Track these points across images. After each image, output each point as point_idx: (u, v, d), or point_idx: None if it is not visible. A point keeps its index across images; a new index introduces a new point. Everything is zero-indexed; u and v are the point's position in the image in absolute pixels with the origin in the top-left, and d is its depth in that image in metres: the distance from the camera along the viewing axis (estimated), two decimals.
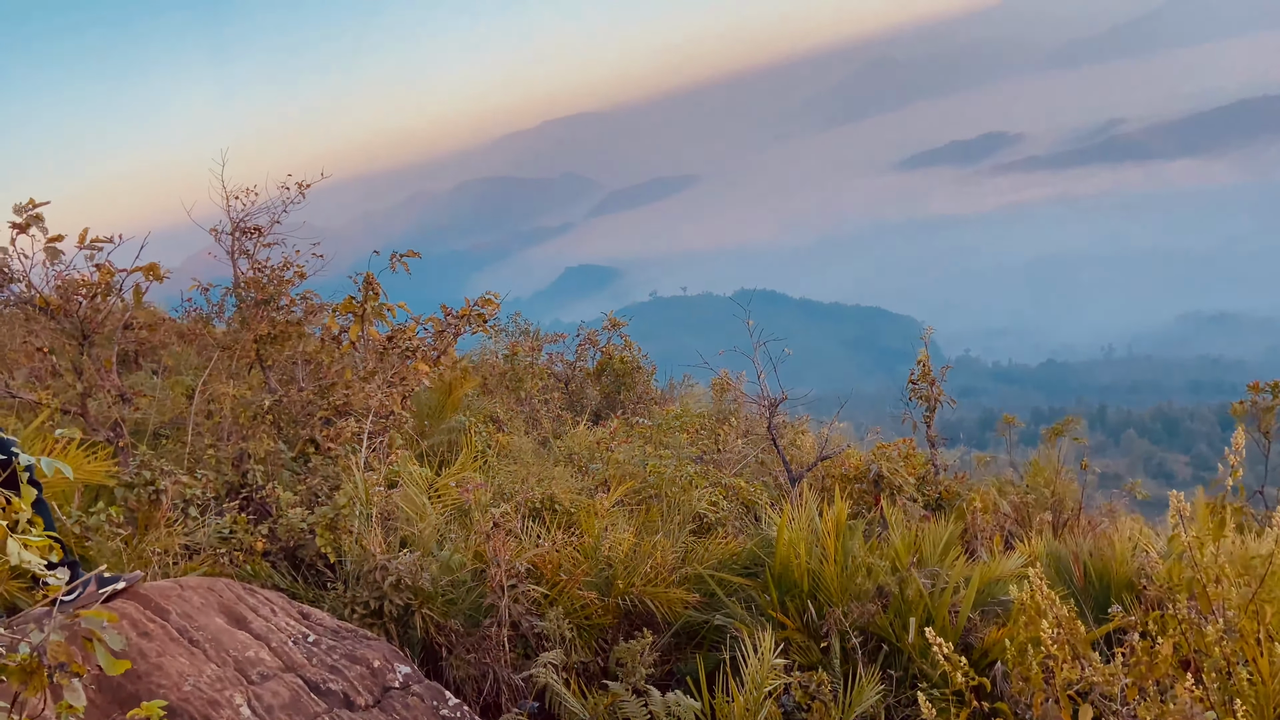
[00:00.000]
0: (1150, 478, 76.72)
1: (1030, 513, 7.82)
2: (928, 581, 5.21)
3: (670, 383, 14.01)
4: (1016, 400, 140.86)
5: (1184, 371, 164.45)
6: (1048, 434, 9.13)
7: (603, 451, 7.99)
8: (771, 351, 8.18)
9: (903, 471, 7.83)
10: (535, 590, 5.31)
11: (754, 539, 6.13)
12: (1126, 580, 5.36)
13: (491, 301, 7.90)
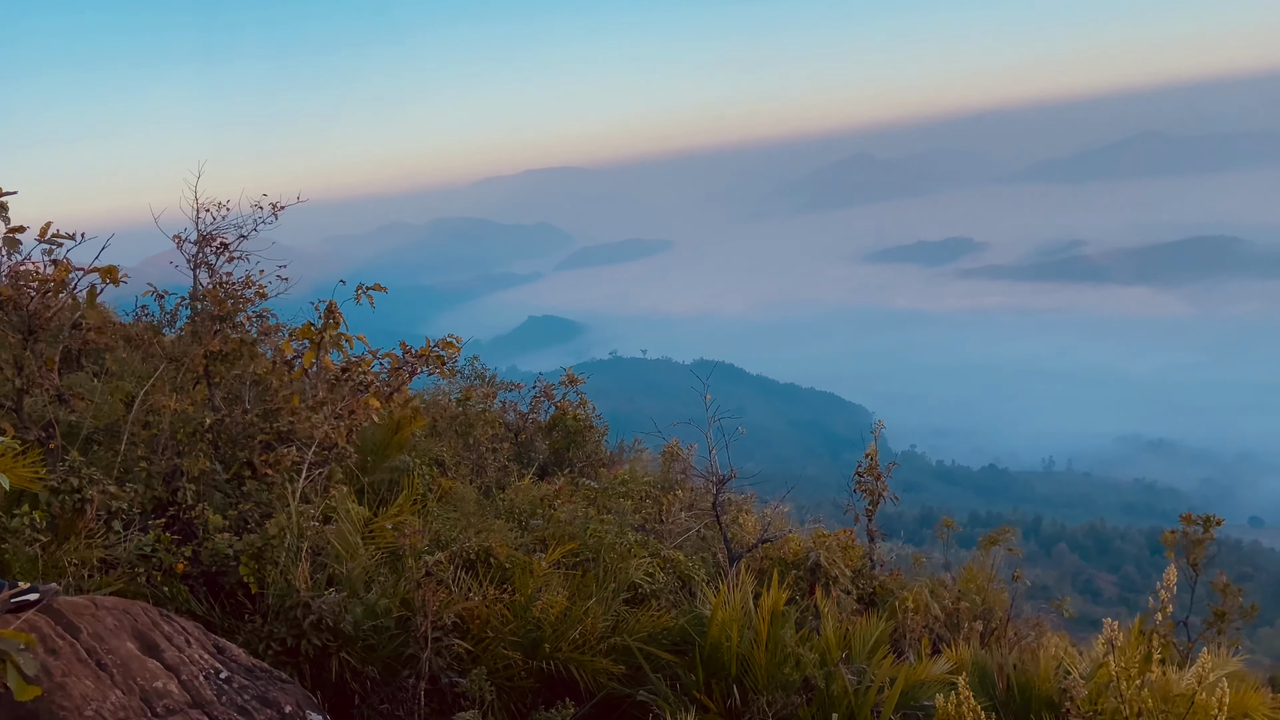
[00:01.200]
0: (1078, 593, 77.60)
1: (960, 618, 7.85)
2: (854, 678, 5.19)
3: (621, 445, 13.95)
4: (956, 501, 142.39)
5: (1119, 492, 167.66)
6: (983, 541, 9.22)
7: (546, 508, 7.91)
8: (725, 427, 8.20)
9: (840, 562, 7.84)
10: (460, 645, 5.19)
11: (687, 615, 6.07)
12: (1048, 698, 5.37)
13: (452, 345, 7.85)
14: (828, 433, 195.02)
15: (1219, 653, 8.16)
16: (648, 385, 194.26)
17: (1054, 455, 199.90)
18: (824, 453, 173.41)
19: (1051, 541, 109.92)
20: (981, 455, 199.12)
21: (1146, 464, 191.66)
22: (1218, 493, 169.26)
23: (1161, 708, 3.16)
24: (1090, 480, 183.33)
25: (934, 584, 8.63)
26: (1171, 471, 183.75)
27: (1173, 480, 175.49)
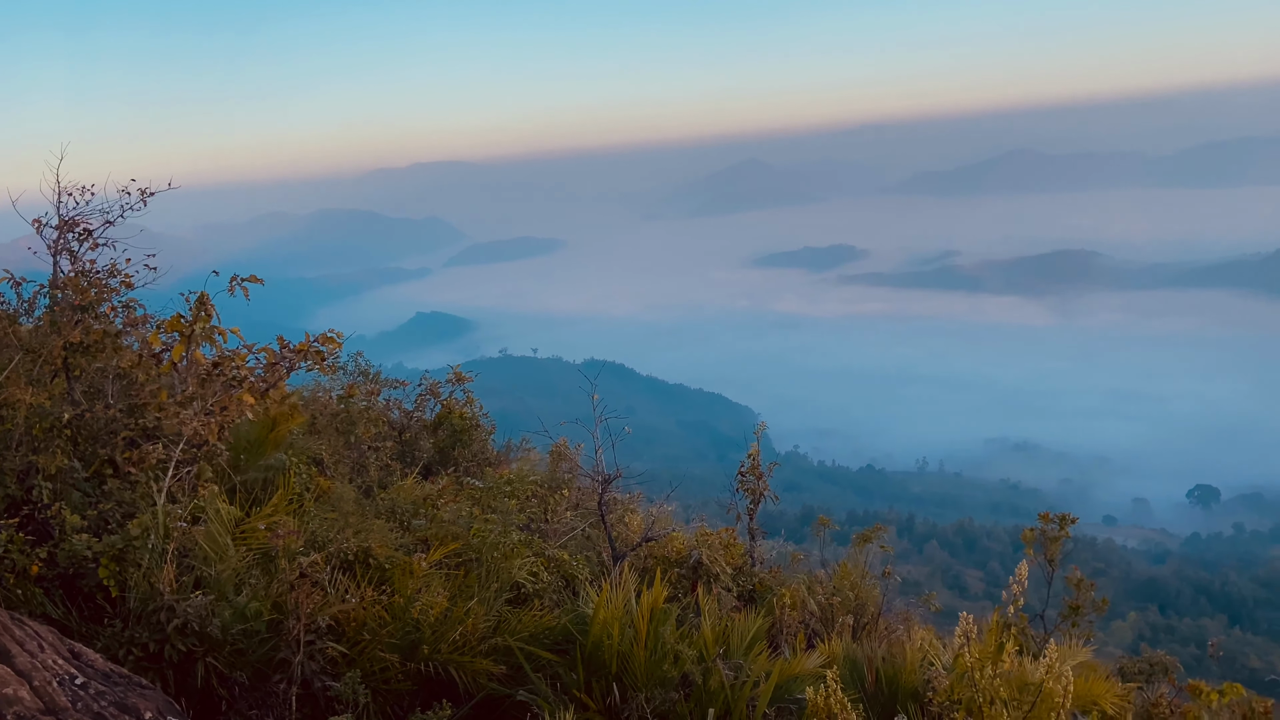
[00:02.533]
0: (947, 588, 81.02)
1: (834, 613, 8.12)
2: (731, 673, 5.31)
3: (508, 444, 13.85)
4: (836, 500, 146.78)
5: (985, 492, 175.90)
6: (857, 539, 9.56)
7: (429, 508, 7.79)
8: (612, 427, 8.25)
9: (721, 560, 8.00)
10: (334, 648, 5.07)
11: (570, 615, 6.09)
12: (913, 689, 5.62)
13: (333, 340, 7.65)
14: (715, 433, 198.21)
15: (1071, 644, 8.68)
16: (538, 384, 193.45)
17: (927, 456, 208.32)
18: (711, 453, 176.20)
19: (924, 539, 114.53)
20: (860, 456, 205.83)
21: (1011, 465, 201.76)
22: (1075, 492, 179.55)
23: (1013, 696, 3.37)
24: (960, 480, 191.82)
25: (810, 581, 8.90)
26: (1034, 472, 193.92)
27: (1035, 481, 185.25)
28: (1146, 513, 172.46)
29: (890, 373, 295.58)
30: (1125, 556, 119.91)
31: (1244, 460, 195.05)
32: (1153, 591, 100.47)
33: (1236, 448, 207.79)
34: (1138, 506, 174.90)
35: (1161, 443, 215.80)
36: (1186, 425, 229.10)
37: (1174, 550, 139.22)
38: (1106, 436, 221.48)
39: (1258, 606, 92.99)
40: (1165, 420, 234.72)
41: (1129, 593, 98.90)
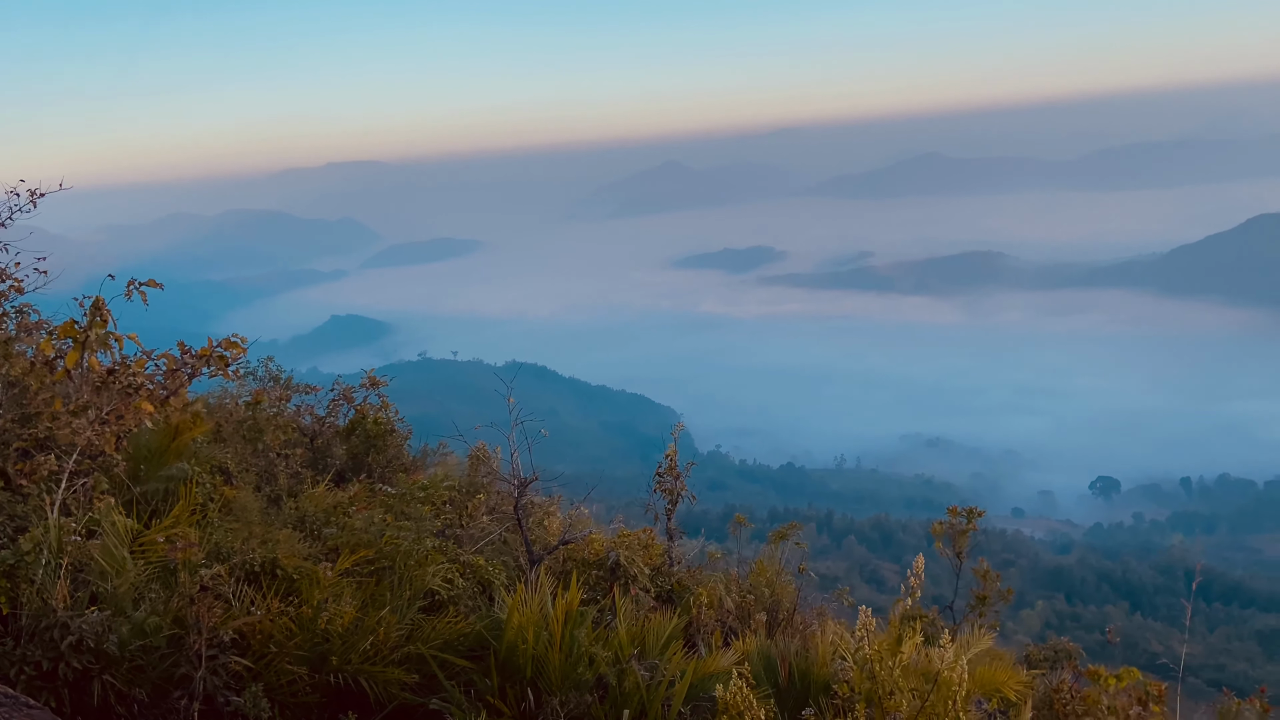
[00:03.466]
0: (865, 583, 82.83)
1: (750, 610, 8.23)
2: (647, 673, 5.34)
3: (425, 449, 13.66)
4: (757, 498, 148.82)
5: (901, 487, 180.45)
6: (773, 536, 9.70)
7: (339, 516, 7.63)
8: (528, 430, 8.22)
9: (639, 561, 8.03)
10: (239, 662, 4.94)
11: (485, 620, 6.03)
12: (825, 683, 5.73)
13: (237, 345, 7.44)
14: (638, 434, 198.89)
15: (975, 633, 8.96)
16: (459, 387, 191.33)
17: (845, 453, 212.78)
18: (634, 454, 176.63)
19: (842, 534, 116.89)
20: (781, 454, 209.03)
21: (926, 460, 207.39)
22: (986, 486, 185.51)
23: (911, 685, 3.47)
24: (877, 476, 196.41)
25: (728, 579, 9.00)
26: (947, 467, 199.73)
27: (948, 475, 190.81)
28: (1052, 504, 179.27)
29: (809, 372, 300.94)
30: (1033, 547, 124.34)
31: (1142, 452, 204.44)
32: (1059, 580, 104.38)
33: (1135, 440, 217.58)
34: (1044, 499, 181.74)
35: (1065, 437, 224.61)
36: (1088, 419, 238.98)
37: (1078, 540, 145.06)
38: (1014, 431, 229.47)
39: (1156, 593, 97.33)
40: (1069, 415, 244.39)
41: (1037, 582, 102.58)
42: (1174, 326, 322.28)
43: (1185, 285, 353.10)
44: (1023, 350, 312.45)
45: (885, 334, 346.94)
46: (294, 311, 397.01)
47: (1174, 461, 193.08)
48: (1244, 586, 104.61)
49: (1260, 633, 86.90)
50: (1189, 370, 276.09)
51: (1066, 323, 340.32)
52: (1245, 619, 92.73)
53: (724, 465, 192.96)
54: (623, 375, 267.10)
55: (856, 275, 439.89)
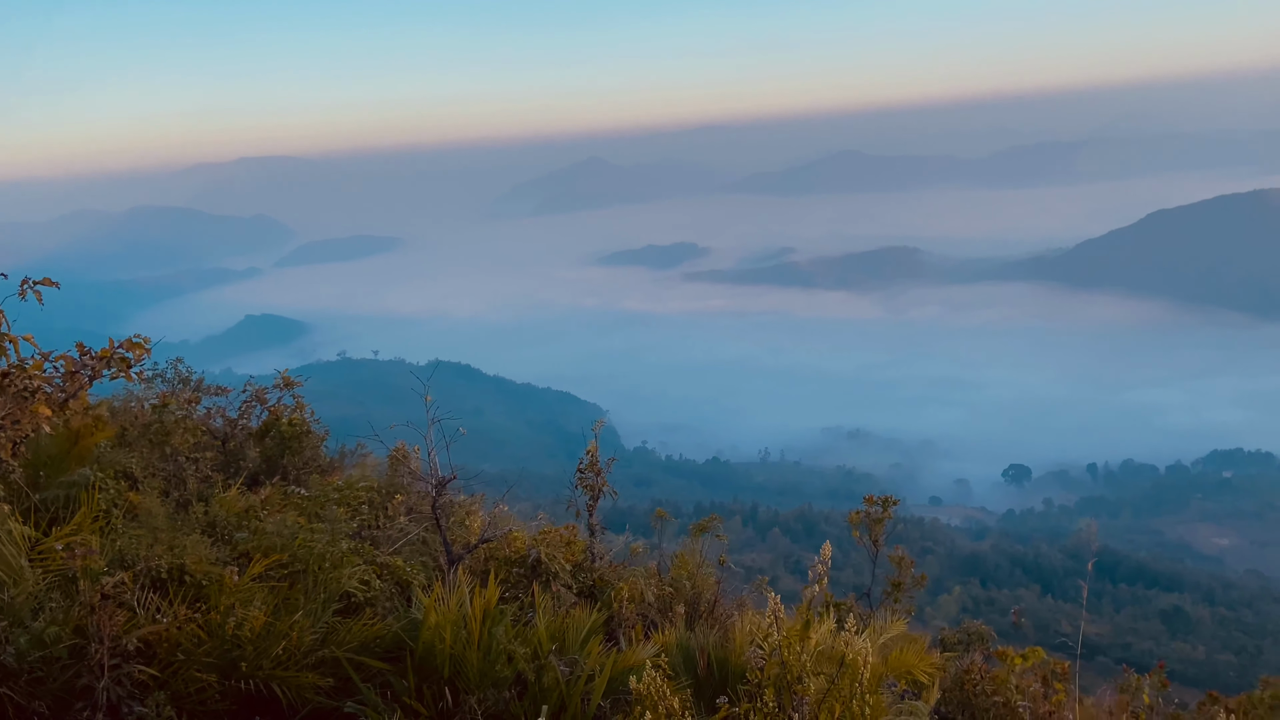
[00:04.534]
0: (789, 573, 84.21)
1: (671, 603, 8.31)
2: (566, 669, 5.36)
3: (342, 450, 13.42)
4: (683, 493, 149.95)
5: (824, 479, 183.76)
6: (694, 529, 9.81)
7: (252, 520, 7.46)
8: (447, 428, 8.14)
9: (560, 558, 8.04)
10: (145, 671, 4.80)
11: (402, 621, 5.98)
12: (742, 672, 5.83)
13: (140, 346, 7.20)
14: (564, 432, 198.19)
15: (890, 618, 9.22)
16: (380, 388, 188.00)
17: (769, 447, 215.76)
18: (561, 451, 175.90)
19: (767, 527, 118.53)
20: (706, 449, 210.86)
21: (847, 452, 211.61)
22: (904, 476, 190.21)
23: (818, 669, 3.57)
24: (800, 469, 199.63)
25: (649, 573, 9.06)
26: (867, 458, 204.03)
27: (869, 466, 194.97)
28: (967, 492, 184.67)
29: (733, 367, 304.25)
30: (950, 534, 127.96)
31: (1051, 440, 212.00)
32: (974, 566, 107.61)
33: (1045, 429, 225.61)
34: (959, 487, 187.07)
35: (979, 427, 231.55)
36: (1001, 409, 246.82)
37: (992, 526, 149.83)
38: (931, 422, 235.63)
39: (1065, 575, 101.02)
40: (982, 405, 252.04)
41: (953, 568, 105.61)
42: (1080, 319, 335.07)
43: (1090, 279, 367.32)
44: (938, 343, 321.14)
45: (807, 329, 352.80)
46: (206, 311, 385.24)
47: (1081, 449, 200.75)
48: (1147, 568, 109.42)
49: (1163, 612, 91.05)
50: (1094, 361, 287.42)
51: (979, 316, 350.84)
52: (1149, 599, 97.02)
53: (650, 461, 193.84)
54: (548, 373, 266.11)
55: (778, 271, 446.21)
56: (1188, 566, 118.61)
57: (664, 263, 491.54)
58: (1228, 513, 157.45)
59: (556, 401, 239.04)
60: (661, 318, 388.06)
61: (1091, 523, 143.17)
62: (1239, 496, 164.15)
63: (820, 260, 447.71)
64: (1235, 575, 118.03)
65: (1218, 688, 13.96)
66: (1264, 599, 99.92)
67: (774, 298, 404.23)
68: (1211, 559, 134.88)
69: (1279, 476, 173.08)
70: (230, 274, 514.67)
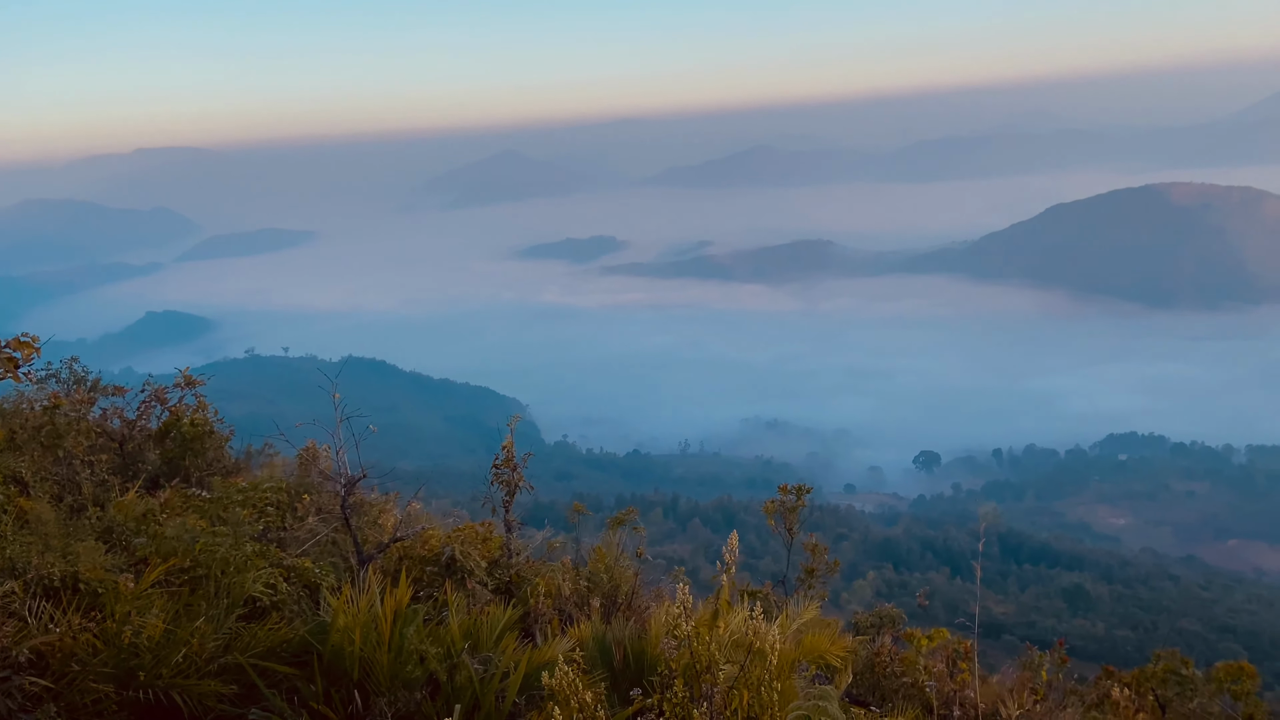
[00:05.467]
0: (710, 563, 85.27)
1: (589, 597, 8.31)
2: (480, 667, 5.31)
3: (249, 450, 13.03)
4: (605, 486, 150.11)
5: (743, 469, 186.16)
6: (611, 523, 9.83)
7: (150, 525, 7.18)
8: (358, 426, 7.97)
9: (475, 555, 7.96)
10: (37, 683, 4.58)
11: (310, 625, 5.83)
12: (657, 663, 5.86)
13: (28, 345, 6.86)
14: (483, 427, 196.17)
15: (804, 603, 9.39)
16: (291, 386, 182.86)
17: (689, 439, 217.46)
18: (480, 447, 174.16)
19: (687, 518, 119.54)
20: (627, 442, 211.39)
21: (765, 442, 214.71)
22: (820, 465, 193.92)
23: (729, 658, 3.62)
24: (719, 460, 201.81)
25: (566, 568, 9.04)
26: (785, 448, 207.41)
27: (786, 455, 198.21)
28: (881, 479, 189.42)
29: (652, 360, 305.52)
30: (864, 520, 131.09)
31: (959, 427, 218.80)
32: (887, 551, 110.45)
33: (952, 416, 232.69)
34: (873, 474, 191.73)
35: (891, 415, 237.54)
36: (911, 398, 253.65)
37: (904, 512, 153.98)
38: (845, 411, 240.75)
39: (973, 558, 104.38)
40: (894, 394, 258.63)
41: (868, 553, 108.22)
42: (985, 309, 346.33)
43: (994, 270, 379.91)
44: (852, 334, 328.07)
45: (725, 321, 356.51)
46: (104, 308, 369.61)
47: (987, 434, 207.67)
48: (1050, 548, 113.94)
49: (1065, 590, 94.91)
50: (998, 350, 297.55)
51: (891, 307, 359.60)
52: (1051, 578, 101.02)
53: (571, 455, 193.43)
54: (466, 368, 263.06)
55: (696, 264, 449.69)
56: (1087, 546, 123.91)
57: (582, 256, 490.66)
58: (1123, 494, 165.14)
59: (475, 397, 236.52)
60: (581, 311, 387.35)
61: (993, 506, 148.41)
62: (1134, 478, 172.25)
63: (737, 253, 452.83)
64: (1131, 553, 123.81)
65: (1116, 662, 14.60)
66: (1158, 576, 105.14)
67: (692, 291, 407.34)
68: (1109, 538, 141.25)
69: (1170, 458, 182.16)
70: (129, 269, 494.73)
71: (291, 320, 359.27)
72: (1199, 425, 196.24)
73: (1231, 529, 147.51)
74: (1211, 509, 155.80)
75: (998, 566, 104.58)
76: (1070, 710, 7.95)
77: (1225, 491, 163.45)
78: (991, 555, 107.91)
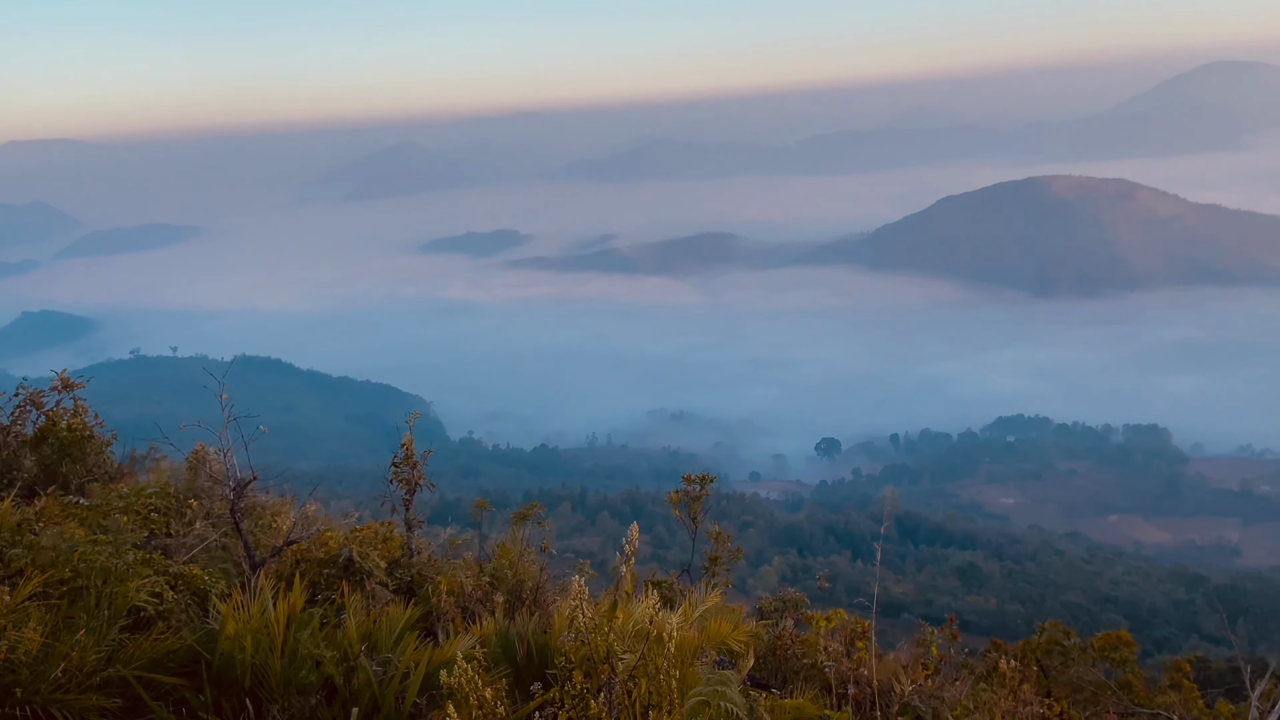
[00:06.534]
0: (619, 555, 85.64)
1: (493, 593, 8.25)
2: (379, 669, 5.22)
3: (134, 455, 12.47)
4: (512, 482, 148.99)
5: (649, 460, 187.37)
6: (514, 518, 9.77)
7: (26, 535, 6.81)
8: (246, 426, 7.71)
9: (374, 555, 7.81)
10: None
11: (198, 634, 5.64)
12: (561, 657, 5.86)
13: None
14: (385, 425, 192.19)
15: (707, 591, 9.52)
16: (181, 387, 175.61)
17: (596, 432, 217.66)
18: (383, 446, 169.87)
19: (596, 511, 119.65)
20: (534, 437, 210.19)
21: (671, 434, 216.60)
22: (726, 454, 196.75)
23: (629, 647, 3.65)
24: (627, 452, 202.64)
25: (470, 564, 8.96)
26: (691, 438, 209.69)
27: (692, 446, 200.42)
28: (784, 467, 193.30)
29: (558, 353, 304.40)
30: (769, 507, 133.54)
31: (858, 414, 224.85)
32: (792, 536, 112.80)
33: (852, 403, 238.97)
34: (777, 462, 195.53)
35: (793, 403, 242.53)
36: (812, 386, 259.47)
37: (807, 498, 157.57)
38: (749, 401, 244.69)
39: (874, 540, 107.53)
40: (796, 383, 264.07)
41: (773, 539, 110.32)
42: (881, 299, 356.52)
43: (889, 261, 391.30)
44: (754, 325, 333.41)
45: (629, 314, 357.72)
46: None
47: (884, 420, 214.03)
48: (945, 529, 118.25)
49: (959, 568, 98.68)
50: (894, 338, 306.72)
51: (791, 298, 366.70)
52: (946, 557, 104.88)
53: (477, 451, 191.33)
54: (367, 365, 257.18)
55: (600, 258, 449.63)
56: (979, 525, 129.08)
57: (485, 250, 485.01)
58: (1011, 474, 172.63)
59: (377, 394, 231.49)
60: (484, 306, 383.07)
61: (892, 490, 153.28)
62: (1021, 458, 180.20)
63: (641, 246, 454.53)
64: (1019, 531, 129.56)
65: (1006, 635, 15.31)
66: (1045, 551, 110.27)
67: (597, 284, 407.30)
68: (999, 517, 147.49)
69: (1055, 439, 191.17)
70: (2, 268, 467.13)
71: (180, 319, 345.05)
72: (1080, 407, 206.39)
73: (1112, 505, 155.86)
74: (1093, 486, 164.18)
75: (896, 548, 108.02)
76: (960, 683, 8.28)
77: (1105, 469, 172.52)
78: (890, 537, 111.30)
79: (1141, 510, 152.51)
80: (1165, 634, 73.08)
